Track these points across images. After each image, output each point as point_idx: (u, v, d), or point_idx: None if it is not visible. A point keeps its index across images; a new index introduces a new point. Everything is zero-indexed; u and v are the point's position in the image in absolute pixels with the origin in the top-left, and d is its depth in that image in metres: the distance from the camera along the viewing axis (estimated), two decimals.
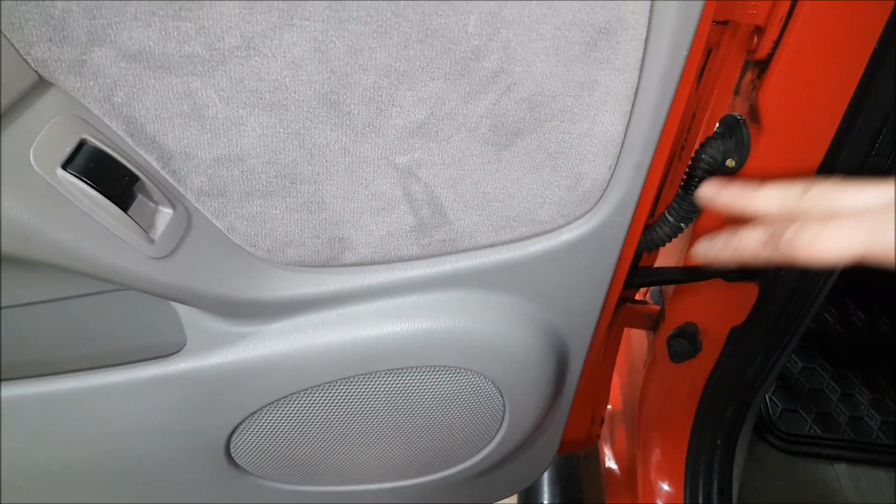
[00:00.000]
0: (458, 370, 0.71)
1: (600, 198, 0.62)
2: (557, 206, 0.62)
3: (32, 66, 0.49)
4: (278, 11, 0.48)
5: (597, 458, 1.47)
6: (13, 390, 0.67)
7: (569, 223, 0.64)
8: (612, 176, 0.61)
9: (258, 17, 0.48)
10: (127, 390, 0.67)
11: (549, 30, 0.51)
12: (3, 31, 0.47)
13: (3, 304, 0.64)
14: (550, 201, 0.62)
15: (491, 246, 0.65)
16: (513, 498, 1.46)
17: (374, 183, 0.59)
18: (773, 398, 1.50)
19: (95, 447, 0.72)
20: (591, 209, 0.63)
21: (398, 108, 0.54)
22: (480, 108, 0.55)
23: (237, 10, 0.48)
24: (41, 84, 0.49)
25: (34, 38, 0.47)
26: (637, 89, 0.55)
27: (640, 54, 0.53)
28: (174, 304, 0.65)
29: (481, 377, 0.72)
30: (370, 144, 0.56)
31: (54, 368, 0.67)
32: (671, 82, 0.55)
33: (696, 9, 0.51)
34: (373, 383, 0.70)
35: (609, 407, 1.35)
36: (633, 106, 0.56)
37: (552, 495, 1.36)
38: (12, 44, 0.47)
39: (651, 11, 0.51)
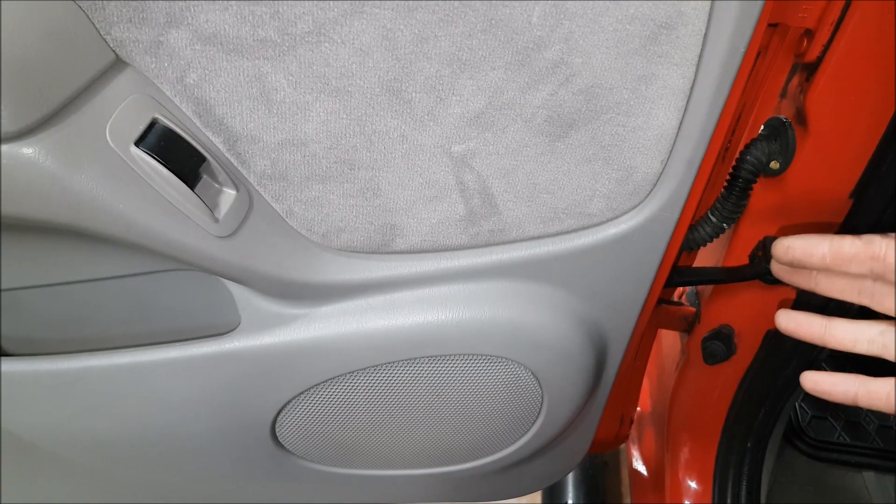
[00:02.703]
0: (499, 359, 0.72)
1: (650, 192, 0.63)
2: (607, 200, 0.63)
3: (111, 45, 0.51)
4: None
5: (617, 464, 1.48)
6: (74, 363, 0.69)
7: (617, 217, 0.65)
8: (663, 170, 0.62)
9: (331, 3, 0.50)
10: (182, 366, 0.68)
11: (610, 22, 0.52)
12: (85, 10, 0.49)
13: (67, 280, 0.66)
14: (600, 194, 0.63)
15: (538, 238, 0.66)
16: (537, 497, 1.47)
17: (428, 171, 0.60)
18: (803, 405, 1.49)
19: (148, 421, 0.74)
20: (640, 203, 0.64)
21: (458, 97, 0.56)
22: (538, 99, 0.56)
23: None
24: (118, 63, 0.52)
25: (115, 18, 0.49)
26: (693, 84, 0.56)
27: (699, 50, 0.54)
28: (228, 284, 0.67)
29: (522, 367, 0.73)
30: (428, 132, 0.58)
31: (114, 343, 0.70)
32: (728, 79, 0.56)
33: (756, 7, 0.52)
34: (416, 369, 0.71)
35: (637, 409, 1.36)
36: (688, 101, 0.57)
37: (576, 496, 1.36)
38: (93, 23, 0.49)
39: (711, 8, 0.52)
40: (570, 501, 1.34)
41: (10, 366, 0.70)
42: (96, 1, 0.48)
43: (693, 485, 1.16)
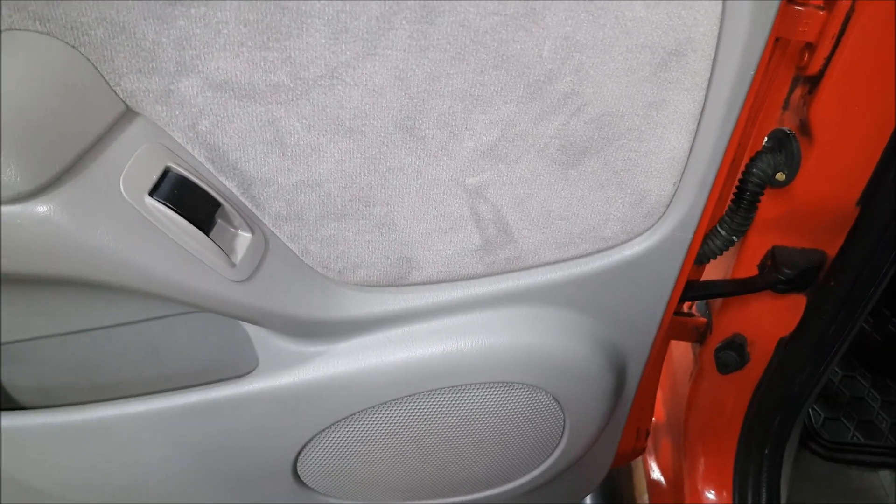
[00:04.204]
0: (519, 386, 0.72)
1: (663, 214, 0.64)
2: (621, 223, 0.63)
3: (121, 96, 0.51)
4: (362, 42, 0.50)
5: (629, 468, 1.47)
6: (90, 413, 0.68)
7: (631, 239, 0.65)
8: (675, 192, 0.62)
9: (343, 46, 0.50)
10: (202, 411, 0.68)
11: (620, 52, 0.52)
12: (93, 63, 0.49)
13: (78, 329, 0.65)
14: (615, 218, 0.63)
15: (554, 263, 0.66)
16: None
17: (443, 204, 0.60)
18: (816, 407, 1.49)
19: (169, 467, 0.73)
20: (653, 225, 0.64)
21: (471, 132, 0.56)
22: (550, 129, 0.56)
23: (323, 41, 0.50)
24: (128, 113, 0.52)
25: (124, 69, 0.49)
26: (703, 108, 0.57)
27: (709, 74, 0.55)
28: (245, 325, 0.66)
29: (542, 392, 0.73)
30: (442, 167, 0.58)
31: (129, 390, 0.69)
32: (738, 101, 0.56)
33: (764, 29, 0.53)
34: (437, 400, 0.71)
35: (652, 420, 1.36)
36: (698, 124, 0.58)
37: (594, 497, 1.36)
38: (102, 76, 0.49)
39: (720, 32, 0.52)
40: (588, 502, 1.34)
41: (24, 419, 0.69)
42: (105, 52, 0.48)
43: (712, 495, 1.16)
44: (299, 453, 0.74)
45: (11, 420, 0.69)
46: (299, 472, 0.77)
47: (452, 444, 0.76)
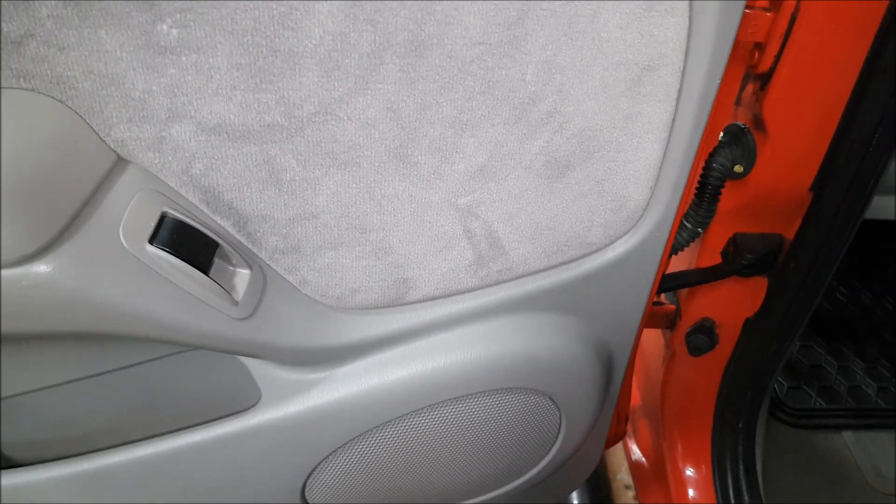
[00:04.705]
0: (517, 390, 0.75)
1: (641, 216, 0.67)
2: (604, 228, 0.66)
3: (112, 146, 0.51)
4: (354, 78, 0.51)
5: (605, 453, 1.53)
6: (93, 463, 0.68)
7: (613, 242, 0.68)
8: (651, 196, 0.66)
9: (336, 84, 0.51)
10: (208, 448, 0.68)
11: (598, 71, 0.55)
12: (83, 115, 0.49)
13: (72, 378, 0.65)
14: (598, 224, 0.66)
15: (543, 270, 0.69)
16: None
17: (437, 224, 0.62)
18: (779, 378, 1.58)
19: None
20: (633, 227, 0.68)
21: (461, 155, 0.58)
22: (536, 147, 0.59)
23: (316, 80, 0.51)
24: (119, 162, 0.52)
25: (114, 119, 0.49)
26: (675, 117, 0.60)
27: (678, 86, 0.58)
28: (243, 359, 0.67)
29: (539, 394, 0.76)
30: (435, 190, 0.60)
31: (131, 435, 0.69)
32: (706, 108, 0.60)
33: (727, 43, 0.56)
34: (440, 413, 0.73)
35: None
36: (670, 132, 0.61)
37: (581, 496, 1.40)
38: (92, 127, 0.49)
39: (687, 47, 0.56)
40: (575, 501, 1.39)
41: (25, 476, 0.68)
42: (94, 105, 0.48)
43: (694, 472, 1.22)
44: (307, 479, 0.74)
45: (12, 478, 0.67)
46: (308, 498, 0.77)
47: (456, 454, 0.78)
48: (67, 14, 0.44)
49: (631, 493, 1.46)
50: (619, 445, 1.55)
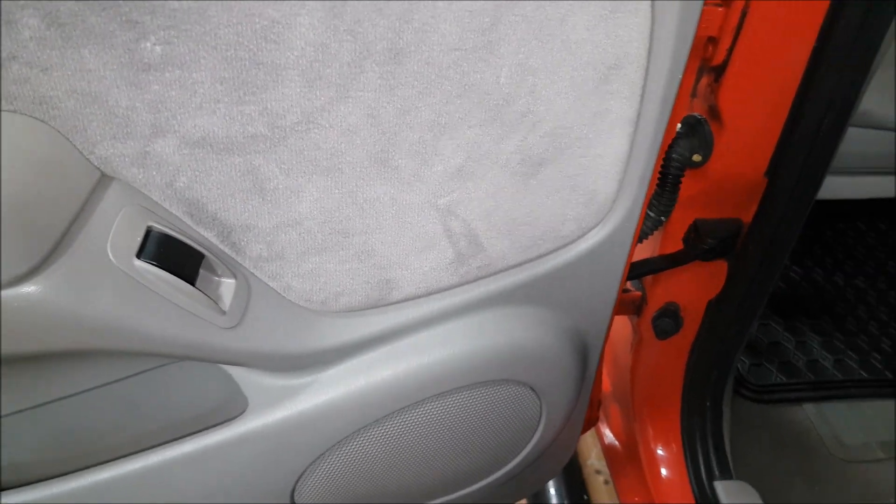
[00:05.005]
0: (499, 382, 0.77)
1: (611, 209, 0.70)
2: (576, 222, 0.69)
3: (95, 164, 0.51)
4: (336, 87, 0.53)
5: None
6: (82, 480, 0.67)
7: (585, 234, 0.71)
8: (619, 189, 0.68)
9: (318, 93, 0.53)
10: (197, 458, 0.69)
11: (567, 71, 0.58)
12: (66, 134, 0.49)
13: (56, 398, 0.64)
14: (571, 217, 0.69)
15: (520, 264, 0.71)
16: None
17: (418, 225, 0.64)
18: (742, 357, 1.64)
19: None
20: (603, 219, 0.71)
21: (440, 157, 0.60)
22: (511, 146, 0.61)
23: (298, 90, 0.52)
24: (103, 179, 0.52)
25: (97, 137, 0.50)
26: (640, 112, 0.63)
27: (643, 83, 0.61)
28: (227, 367, 0.67)
29: (520, 385, 0.78)
30: (415, 192, 0.61)
31: (119, 451, 0.69)
32: (668, 103, 0.63)
33: (687, 40, 0.59)
34: (426, 409, 0.75)
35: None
36: (636, 127, 0.64)
37: (560, 497, 1.44)
38: (75, 146, 0.50)
39: (651, 45, 0.59)
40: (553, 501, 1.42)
41: (8, 499, 0.67)
42: (77, 123, 0.49)
43: (665, 451, 1.26)
44: (296, 483, 0.75)
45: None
46: (297, 501, 0.78)
47: (442, 448, 0.80)
48: (50, 35, 0.44)
49: (601, 478, 1.51)
50: (588, 435, 1.60)
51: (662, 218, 0.91)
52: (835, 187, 1.78)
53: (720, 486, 1.20)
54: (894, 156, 1.71)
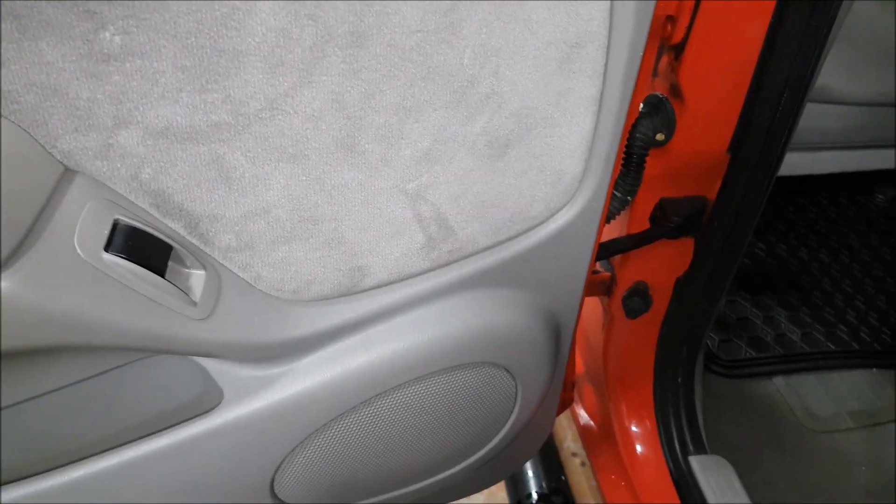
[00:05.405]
0: (474, 365, 0.77)
1: (578, 188, 0.71)
2: (545, 202, 0.70)
3: (58, 158, 0.50)
4: (299, 72, 0.52)
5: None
6: (55, 479, 0.66)
7: (553, 215, 0.72)
8: (585, 168, 0.69)
9: (280, 79, 0.52)
10: (174, 452, 0.68)
11: (530, 51, 0.58)
12: (27, 128, 0.48)
13: (25, 398, 0.63)
14: (539, 199, 0.69)
15: (491, 247, 0.71)
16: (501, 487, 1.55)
17: (387, 211, 0.64)
18: (711, 333, 1.67)
19: None
20: (570, 200, 0.71)
21: (406, 141, 0.60)
22: (477, 128, 0.61)
23: (261, 76, 0.52)
24: (67, 173, 0.51)
25: (59, 130, 0.49)
26: (603, 91, 0.64)
27: (604, 61, 0.61)
28: (201, 360, 0.67)
29: (496, 367, 0.79)
30: (383, 177, 0.61)
31: (91, 450, 0.68)
32: (630, 81, 0.64)
33: (647, 15, 0.60)
34: (402, 394, 0.75)
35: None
36: (600, 106, 0.65)
37: (538, 479, 1.46)
38: (37, 140, 0.49)
39: (611, 22, 0.59)
40: (532, 490, 1.44)
41: None
42: (38, 117, 0.48)
43: (639, 428, 1.28)
44: (275, 474, 0.75)
45: None
46: (276, 491, 0.78)
47: (420, 433, 0.80)
48: (7, 28, 0.43)
49: (578, 460, 1.53)
50: (563, 418, 1.62)
51: (629, 198, 0.92)
52: (796, 163, 1.81)
53: (695, 461, 1.23)
54: (852, 130, 1.75)
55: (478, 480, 1.03)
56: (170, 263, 0.57)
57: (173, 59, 0.49)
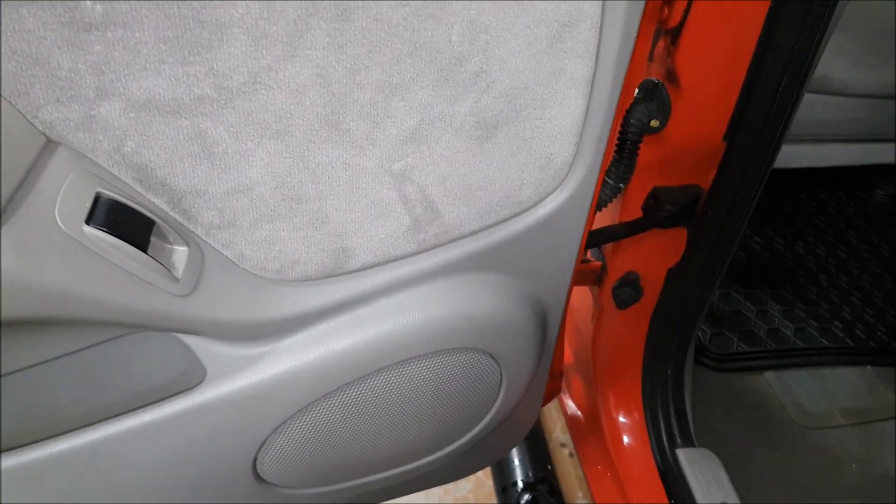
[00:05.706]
0: (459, 350, 0.77)
1: (568, 173, 0.70)
2: (534, 186, 0.69)
3: (40, 129, 0.49)
4: (282, 45, 0.51)
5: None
6: (38, 452, 0.66)
7: (543, 199, 0.71)
8: (576, 152, 0.68)
9: (264, 52, 0.51)
10: (157, 429, 0.68)
11: (521, 29, 0.57)
12: (8, 98, 0.47)
13: (10, 370, 0.63)
14: (528, 182, 0.68)
15: (478, 231, 0.70)
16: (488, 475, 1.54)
17: (372, 191, 0.63)
18: (703, 326, 1.66)
19: (130, 490, 0.72)
20: (560, 184, 0.70)
21: (392, 119, 0.59)
22: (465, 108, 0.60)
23: (244, 49, 0.51)
24: (49, 145, 0.50)
25: (41, 101, 0.48)
26: (595, 72, 0.63)
27: (597, 41, 0.60)
28: (184, 337, 0.66)
29: (480, 353, 0.78)
30: (368, 156, 0.60)
31: (73, 425, 0.67)
32: (623, 63, 0.63)
33: None
34: (386, 377, 0.74)
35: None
36: (591, 88, 0.64)
37: (524, 467, 1.46)
38: (18, 110, 0.48)
39: (604, 1, 0.58)
40: (518, 479, 1.44)
41: None
42: (19, 87, 0.47)
43: (627, 419, 1.28)
44: (258, 452, 0.75)
45: None
46: (259, 471, 0.78)
47: (403, 417, 0.80)
48: None
49: (566, 451, 1.54)
50: (553, 409, 1.62)
51: (621, 185, 0.91)
52: (794, 156, 1.80)
53: (682, 454, 1.22)
54: (852, 123, 1.74)
55: (463, 466, 1.02)
56: (152, 239, 0.56)
57: (155, 30, 0.48)
